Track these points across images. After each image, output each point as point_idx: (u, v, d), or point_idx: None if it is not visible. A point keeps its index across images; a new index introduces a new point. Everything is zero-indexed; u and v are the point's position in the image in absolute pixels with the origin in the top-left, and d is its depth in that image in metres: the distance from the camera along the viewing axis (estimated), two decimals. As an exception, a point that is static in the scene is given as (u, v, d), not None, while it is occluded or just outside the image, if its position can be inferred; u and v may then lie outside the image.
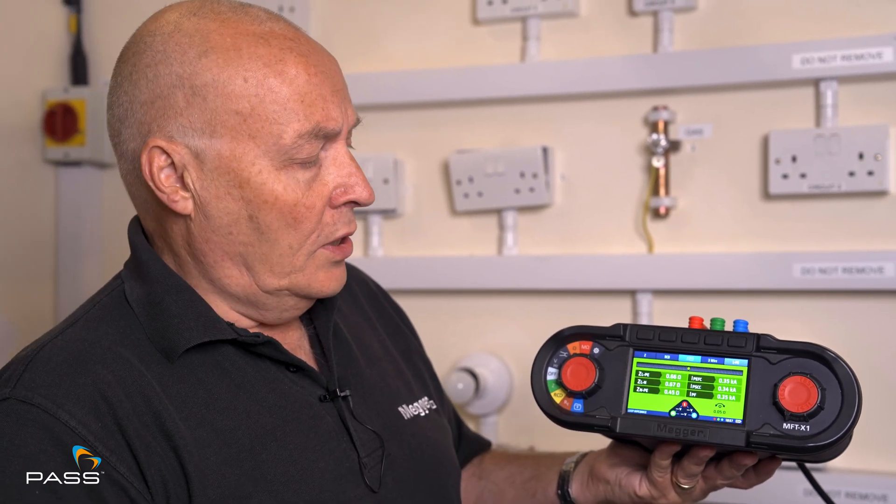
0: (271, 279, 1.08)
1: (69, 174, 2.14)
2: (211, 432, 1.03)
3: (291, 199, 1.06)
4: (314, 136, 1.06)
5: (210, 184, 1.06)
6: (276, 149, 1.05)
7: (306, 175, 1.07)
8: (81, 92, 2.09)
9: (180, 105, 1.05)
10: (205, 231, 1.07)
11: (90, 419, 0.98)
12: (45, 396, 0.98)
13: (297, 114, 1.05)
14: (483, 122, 1.91)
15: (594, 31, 1.86)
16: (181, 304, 1.08)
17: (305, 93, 1.05)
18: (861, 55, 1.67)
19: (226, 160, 1.05)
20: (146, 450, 0.99)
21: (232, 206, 1.06)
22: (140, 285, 1.10)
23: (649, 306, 1.80)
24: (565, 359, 1.12)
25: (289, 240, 1.07)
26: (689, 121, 1.80)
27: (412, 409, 1.23)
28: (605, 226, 1.85)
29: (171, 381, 1.04)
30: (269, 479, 1.03)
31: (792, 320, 1.74)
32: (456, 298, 1.93)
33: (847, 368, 1.03)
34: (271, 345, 1.10)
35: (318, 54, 1.09)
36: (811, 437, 1.02)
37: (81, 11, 2.13)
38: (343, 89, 1.10)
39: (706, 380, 1.07)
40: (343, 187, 1.08)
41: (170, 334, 1.06)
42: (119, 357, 1.03)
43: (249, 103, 1.04)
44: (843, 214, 1.72)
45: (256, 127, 1.04)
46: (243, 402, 1.06)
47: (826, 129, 1.69)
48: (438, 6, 1.95)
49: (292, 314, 1.14)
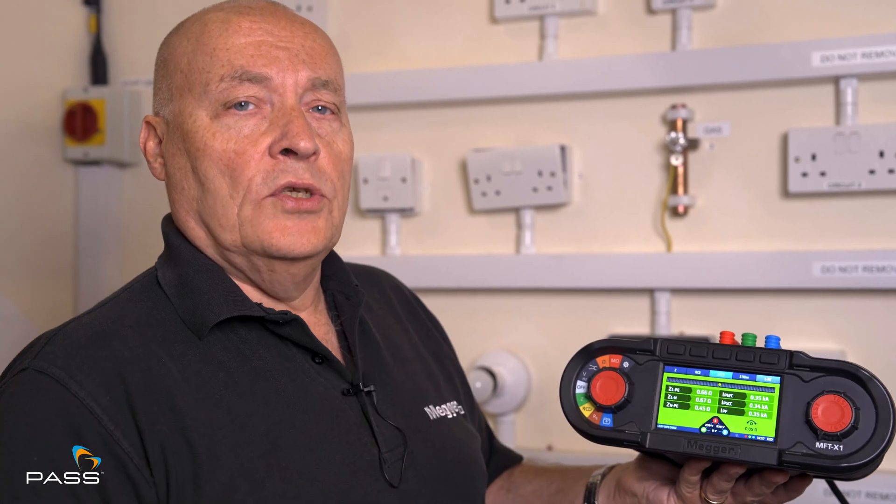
0: (223, 234, 1.10)
1: (89, 173, 2.15)
2: (226, 414, 1.04)
3: (220, 146, 1.08)
4: (239, 80, 1.08)
5: (170, 144, 1.13)
6: (207, 96, 1.09)
7: (244, 123, 1.09)
8: (101, 91, 2.10)
9: (159, 81, 1.16)
10: (172, 192, 1.14)
11: (100, 392, 1.00)
12: (61, 367, 1.01)
13: (220, 60, 1.09)
14: (500, 121, 1.91)
15: (612, 30, 1.86)
16: (211, 283, 1.11)
17: (235, 42, 1.10)
18: (882, 52, 1.66)
19: (176, 118, 1.12)
20: (151, 426, 1.01)
21: (181, 161, 1.12)
22: (172, 269, 1.13)
23: (668, 305, 1.80)
24: (595, 372, 1.11)
25: (227, 188, 1.08)
26: (707, 119, 1.80)
27: (439, 410, 1.23)
28: (623, 224, 1.85)
29: (192, 361, 1.06)
30: (284, 465, 1.04)
31: (812, 320, 1.73)
32: (474, 297, 1.93)
33: (882, 388, 1.02)
34: (297, 324, 1.10)
35: (275, 19, 1.12)
36: (845, 458, 1.01)
37: (101, 12, 2.15)
38: (299, 51, 1.11)
39: (737, 396, 1.06)
40: (282, 135, 1.08)
41: (200, 310, 1.09)
42: (140, 335, 1.06)
43: (187, 59, 1.12)
44: (863, 213, 1.71)
45: (192, 79, 1.10)
46: (262, 388, 1.07)
47: (846, 127, 1.68)
48: (455, 5, 1.95)
49: (287, 281, 1.13)
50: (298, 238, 1.09)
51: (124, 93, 2.12)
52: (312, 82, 1.11)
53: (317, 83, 1.11)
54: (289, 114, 1.09)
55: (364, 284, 1.24)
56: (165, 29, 1.83)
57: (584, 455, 1.68)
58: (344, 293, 1.21)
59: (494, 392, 1.84)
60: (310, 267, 1.15)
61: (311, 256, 1.12)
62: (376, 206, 1.95)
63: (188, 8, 1.20)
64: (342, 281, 1.22)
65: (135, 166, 2.15)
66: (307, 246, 1.10)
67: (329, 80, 1.12)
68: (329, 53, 1.15)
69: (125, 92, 2.12)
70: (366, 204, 1.95)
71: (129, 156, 2.12)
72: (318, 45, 1.13)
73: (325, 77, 1.12)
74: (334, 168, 1.12)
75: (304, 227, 1.10)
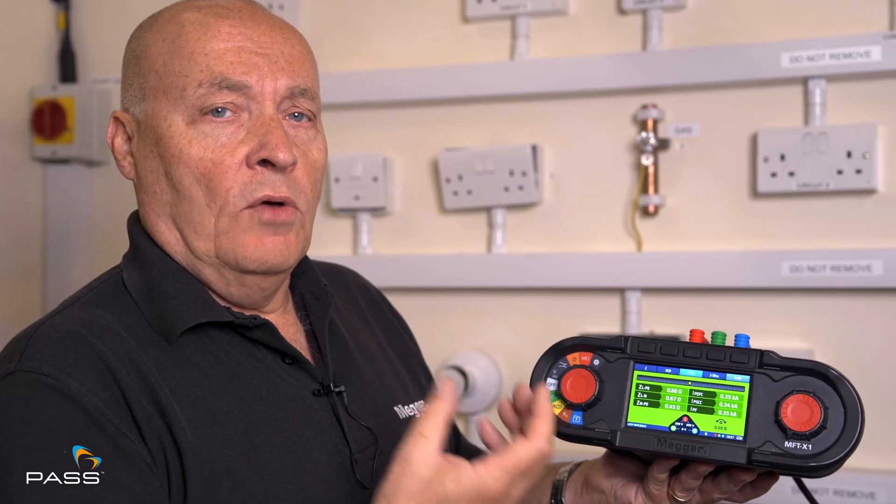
0: (197, 241, 1.09)
1: (57, 172, 2.13)
2: (204, 414, 1.03)
3: (197, 153, 1.07)
4: (217, 87, 1.07)
5: (142, 145, 1.11)
6: (183, 102, 1.07)
7: (221, 131, 1.07)
8: (70, 89, 2.09)
9: (130, 77, 1.13)
10: (141, 193, 1.13)
11: (98, 387, 0.99)
12: (53, 366, 0.99)
13: (198, 65, 1.07)
14: (472, 120, 1.91)
15: (583, 30, 1.86)
16: (179, 287, 1.09)
17: (214, 48, 1.08)
18: (849, 54, 1.67)
19: (150, 119, 1.10)
20: (147, 421, 1.00)
21: (153, 164, 1.10)
22: (138, 271, 1.11)
23: (638, 304, 1.81)
24: (565, 370, 1.11)
25: (205, 198, 1.07)
26: (677, 119, 1.81)
27: (408, 409, 1.23)
28: (595, 224, 1.86)
29: (166, 364, 1.05)
30: (263, 463, 1.04)
31: (780, 318, 1.75)
32: (445, 296, 1.93)
33: (851, 388, 1.03)
34: (267, 328, 1.10)
35: (254, 23, 1.10)
36: (813, 457, 1.02)
37: (70, 8, 2.13)
38: (279, 58, 1.10)
39: (707, 395, 1.06)
40: (260, 146, 1.07)
41: (168, 316, 1.07)
42: (117, 335, 1.04)
43: (163, 61, 1.09)
44: (831, 213, 1.73)
45: (168, 82, 1.08)
46: (236, 388, 1.07)
47: (814, 128, 1.70)
48: (428, 4, 1.95)
49: (257, 294, 1.13)
50: (272, 252, 1.09)
51: (93, 91, 2.11)
52: (291, 90, 1.10)
53: (295, 91, 1.10)
54: (267, 124, 1.08)
55: (330, 283, 1.24)
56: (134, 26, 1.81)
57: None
58: (313, 293, 1.21)
59: (466, 391, 1.84)
60: (280, 280, 1.15)
61: (281, 270, 1.12)
62: (348, 206, 1.94)
63: (157, 6, 1.19)
64: (311, 280, 1.22)
65: (104, 165, 2.14)
66: (278, 258, 1.10)
67: (307, 88, 1.12)
68: (307, 59, 1.14)
69: (94, 90, 2.11)
70: (337, 203, 1.95)
71: (99, 154, 2.11)
72: (296, 51, 1.12)
73: (304, 85, 1.11)
74: (309, 179, 1.12)
75: (277, 242, 1.10)
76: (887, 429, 1.67)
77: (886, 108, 1.70)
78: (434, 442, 0.96)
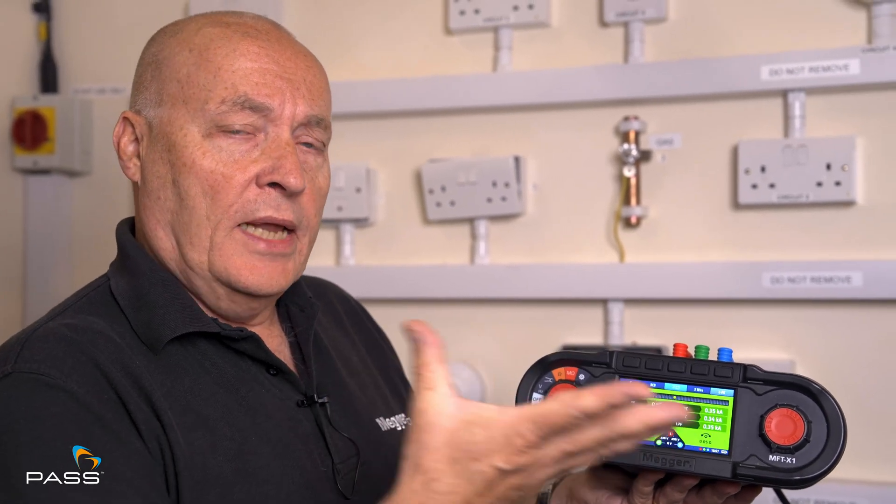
0: (192, 252, 1.09)
1: (38, 182, 2.12)
2: (195, 420, 1.04)
3: (209, 166, 1.07)
4: (240, 106, 1.07)
5: (151, 149, 1.11)
6: (203, 115, 1.08)
7: (235, 148, 1.08)
8: (51, 100, 2.08)
9: (147, 80, 1.13)
10: (144, 197, 1.12)
11: (97, 390, 0.99)
12: (52, 367, 0.99)
13: (225, 82, 1.08)
14: (455, 132, 1.92)
15: (565, 42, 1.87)
16: (167, 296, 1.09)
17: (241, 66, 1.08)
18: (828, 67, 1.69)
19: (164, 125, 1.10)
20: (145, 423, 1.00)
21: (162, 170, 1.10)
22: (126, 280, 1.11)
23: (620, 315, 1.81)
24: (550, 385, 1.11)
25: (206, 209, 1.07)
26: (659, 131, 1.82)
27: (389, 422, 1.23)
28: (577, 235, 1.86)
29: (156, 372, 1.05)
30: (251, 470, 1.04)
31: (762, 329, 1.76)
32: (428, 307, 1.93)
33: (833, 402, 1.03)
34: (253, 340, 1.10)
35: (281, 47, 1.11)
36: (797, 470, 1.02)
37: (52, 19, 2.12)
38: (301, 85, 1.11)
39: (692, 409, 1.07)
40: (272, 168, 1.08)
41: (154, 325, 1.07)
42: (110, 340, 1.04)
43: (187, 71, 1.09)
44: (811, 224, 1.74)
45: (189, 93, 1.09)
46: (223, 396, 1.07)
47: (794, 140, 1.71)
48: (411, 16, 1.96)
49: (246, 312, 1.13)
50: (267, 279, 1.10)
51: (75, 101, 2.10)
52: (309, 118, 1.11)
53: (312, 119, 1.12)
54: (283, 147, 1.09)
55: (313, 296, 1.24)
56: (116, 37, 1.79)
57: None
58: (298, 305, 1.21)
59: None
60: (271, 300, 1.16)
61: (274, 294, 1.13)
62: (331, 217, 1.94)
63: (139, 17, 1.19)
64: (296, 293, 1.22)
65: (86, 175, 2.13)
66: (274, 287, 1.11)
67: (323, 118, 1.13)
68: (325, 89, 1.15)
69: (76, 100, 2.10)
70: (320, 214, 1.95)
71: (80, 165, 2.10)
72: (317, 79, 1.14)
73: (320, 114, 1.12)
74: (314, 205, 1.13)
75: (274, 269, 1.10)
76: (868, 439, 1.67)
77: (865, 121, 1.71)
78: (445, 388, 0.85)
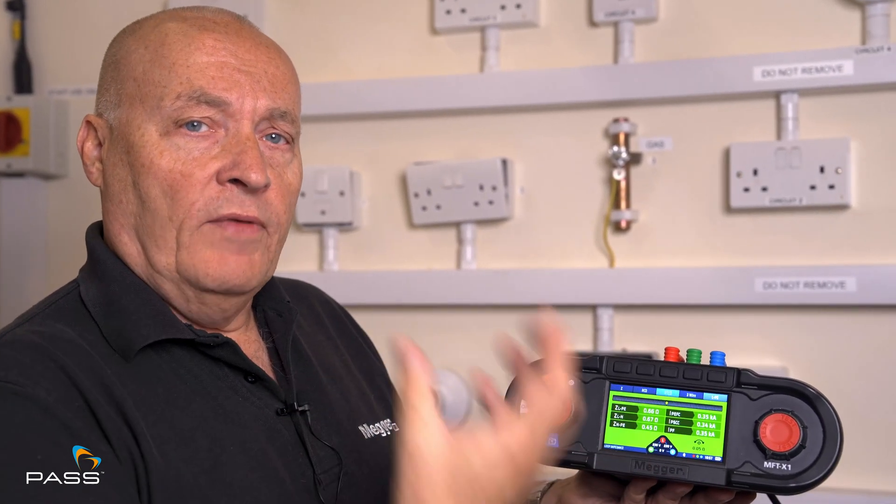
0: (158, 255, 1.08)
1: (12, 185, 2.12)
2: (169, 430, 1.02)
3: (167, 165, 1.06)
4: (196, 100, 1.06)
5: (112, 152, 1.10)
6: (159, 112, 1.07)
7: (194, 145, 1.07)
8: (25, 100, 2.08)
9: (107, 82, 1.12)
10: (107, 202, 1.11)
11: (66, 398, 0.97)
12: (20, 374, 0.97)
13: (179, 77, 1.07)
14: (441, 134, 1.92)
15: (554, 42, 1.87)
16: (139, 302, 1.08)
17: (196, 61, 1.07)
18: (822, 68, 1.69)
19: (123, 126, 1.09)
20: (116, 433, 0.98)
21: (122, 173, 1.09)
22: (96, 285, 1.10)
23: (610, 321, 1.82)
24: None
25: (167, 210, 1.06)
26: (650, 133, 1.82)
27: (373, 428, 1.22)
28: (566, 239, 1.87)
29: (128, 380, 1.03)
30: (228, 482, 1.03)
31: (754, 335, 1.76)
32: (414, 313, 1.93)
33: (829, 406, 1.03)
34: (229, 347, 1.09)
35: (240, 39, 1.10)
36: (793, 477, 1.02)
37: (26, 18, 2.12)
38: (261, 78, 1.09)
39: (685, 415, 1.06)
40: (233, 164, 1.07)
41: (127, 332, 1.06)
42: (79, 348, 1.02)
43: (143, 68, 1.08)
44: (804, 228, 1.74)
45: (145, 91, 1.08)
46: (199, 405, 1.06)
47: (787, 143, 1.71)
48: (396, 15, 1.96)
49: (217, 315, 1.12)
50: (234, 269, 1.08)
51: (50, 102, 2.10)
52: (271, 112, 1.10)
53: (275, 113, 1.10)
54: (243, 143, 1.07)
55: (292, 299, 1.23)
56: (93, 36, 1.77)
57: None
58: (275, 309, 1.20)
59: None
60: (241, 302, 1.14)
61: (243, 291, 1.11)
62: (314, 221, 1.95)
63: (116, 15, 1.17)
64: (273, 297, 1.21)
65: (61, 178, 2.13)
66: (241, 279, 1.09)
67: (287, 111, 1.11)
68: (290, 81, 1.13)
69: (51, 101, 2.10)
70: (303, 218, 1.94)
71: (55, 167, 2.10)
72: (280, 71, 1.12)
73: (284, 107, 1.11)
74: (283, 201, 1.11)
75: (241, 261, 1.09)
76: (861, 447, 1.67)
77: (859, 123, 1.72)
78: (435, 420, 0.86)
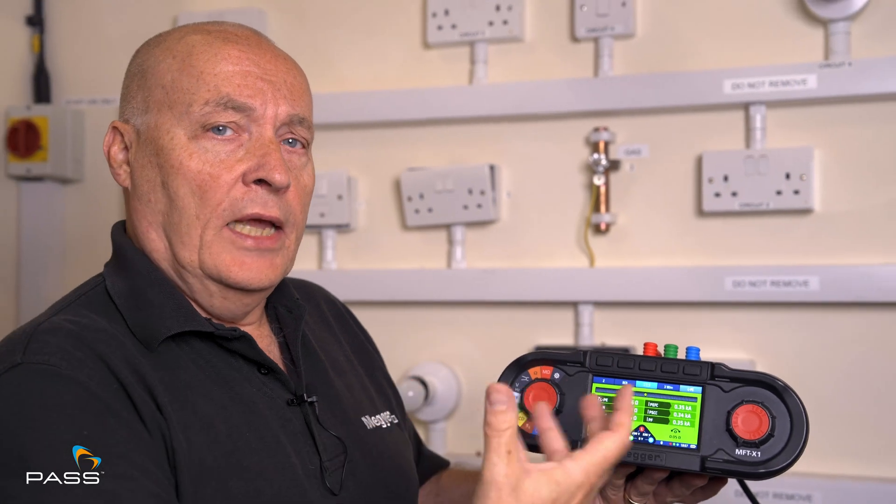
0: (183, 251, 1.11)
1: (31, 189, 2.13)
2: (192, 415, 1.05)
3: (196, 167, 1.09)
4: (223, 106, 1.09)
5: (140, 155, 1.13)
6: (188, 117, 1.10)
7: (221, 148, 1.10)
8: (44, 109, 2.10)
9: (133, 90, 1.15)
10: (135, 201, 1.14)
11: (106, 383, 1.00)
12: (62, 359, 0.99)
13: (207, 84, 1.10)
14: (433, 142, 1.94)
15: (539, 56, 1.90)
16: (163, 296, 1.11)
17: (223, 69, 1.10)
18: (787, 81, 1.72)
19: (151, 131, 1.12)
20: (150, 416, 1.02)
21: (151, 174, 1.12)
22: (123, 280, 1.13)
23: (590, 317, 1.85)
24: (527, 383, 1.14)
25: (195, 209, 1.09)
26: (627, 141, 1.85)
27: (374, 420, 1.25)
28: (549, 241, 1.89)
29: (155, 368, 1.06)
30: (245, 465, 1.06)
31: (724, 330, 1.79)
32: (407, 310, 1.95)
33: (796, 398, 1.07)
34: (246, 340, 1.12)
35: (261, 51, 1.14)
36: (762, 463, 1.06)
37: (45, 32, 2.14)
38: (281, 86, 1.13)
39: (662, 406, 1.10)
40: (258, 166, 1.10)
41: (151, 323, 1.09)
42: (112, 337, 1.05)
43: (171, 77, 1.12)
44: (771, 231, 1.77)
45: (174, 97, 1.11)
46: (218, 394, 1.09)
47: (755, 151, 1.75)
48: (390, 31, 1.98)
49: (238, 309, 1.15)
50: (256, 273, 1.12)
51: (67, 111, 2.11)
52: (291, 117, 1.13)
53: (294, 119, 1.14)
54: (267, 146, 1.11)
55: (300, 298, 1.26)
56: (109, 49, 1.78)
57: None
58: (286, 306, 1.23)
59: (426, 401, 1.87)
60: (261, 296, 1.17)
61: (265, 289, 1.15)
62: (313, 223, 1.96)
63: (130, 31, 1.19)
64: (284, 295, 1.24)
65: (77, 182, 2.14)
66: (264, 281, 1.12)
67: (304, 118, 1.15)
68: (306, 91, 1.17)
69: (68, 110, 2.11)
70: (303, 220, 1.97)
71: (72, 172, 2.12)
72: (297, 81, 1.16)
73: (302, 114, 1.15)
74: (299, 202, 1.15)
75: (263, 264, 1.12)
76: (822, 435, 1.70)
77: (822, 133, 1.75)
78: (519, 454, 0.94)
